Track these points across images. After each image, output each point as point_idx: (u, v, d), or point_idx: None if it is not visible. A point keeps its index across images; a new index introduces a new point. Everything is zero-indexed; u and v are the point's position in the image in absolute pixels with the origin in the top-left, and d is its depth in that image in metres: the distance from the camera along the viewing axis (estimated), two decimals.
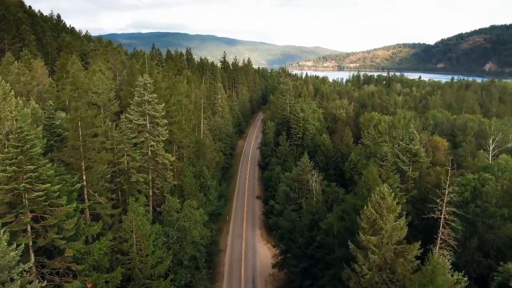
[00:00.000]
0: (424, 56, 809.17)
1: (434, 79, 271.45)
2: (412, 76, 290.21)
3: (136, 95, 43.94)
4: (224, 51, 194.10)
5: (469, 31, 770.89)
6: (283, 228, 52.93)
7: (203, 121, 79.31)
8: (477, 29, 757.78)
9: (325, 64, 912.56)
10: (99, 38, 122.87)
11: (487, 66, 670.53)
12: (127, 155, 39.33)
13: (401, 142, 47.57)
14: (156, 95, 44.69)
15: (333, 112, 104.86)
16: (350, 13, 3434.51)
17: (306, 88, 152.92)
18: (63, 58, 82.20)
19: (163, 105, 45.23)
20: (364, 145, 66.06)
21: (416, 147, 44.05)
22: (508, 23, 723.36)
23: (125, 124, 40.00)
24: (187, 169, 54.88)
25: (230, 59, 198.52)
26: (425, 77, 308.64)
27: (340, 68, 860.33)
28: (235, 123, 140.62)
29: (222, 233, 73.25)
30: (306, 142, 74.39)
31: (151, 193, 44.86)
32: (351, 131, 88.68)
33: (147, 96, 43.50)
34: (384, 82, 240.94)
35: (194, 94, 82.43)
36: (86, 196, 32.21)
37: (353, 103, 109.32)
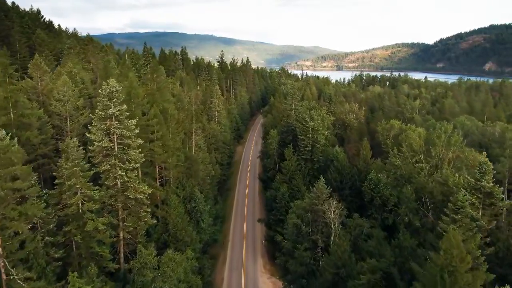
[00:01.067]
0: (423, 56, 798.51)
1: (435, 79, 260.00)
2: (414, 76, 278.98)
3: (98, 107, 32.25)
4: (222, 51, 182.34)
5: (468, 31, 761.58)
6: (294, 273, 41.40)
7: (195, 131, 67.65)
8: (476, 28, 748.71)
9: (324, 64, 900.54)
10: (75, 34, 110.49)
11: (487, 66, 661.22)
12: (80, 193, 27.65)
13: (467, 177, 34.82)
14: (126, 107, 32.96)
15: (341, 118, 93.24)
16: (348, 13, 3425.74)
17: (309, 90, 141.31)
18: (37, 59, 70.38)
19: (136, 120, 33.47)
20: (392, 165, 54.09)
21: (489, 184, 31.37)
22: (507, 23, 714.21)
23: (76, 150, 28.21)
24: (173, 198, 43.23)
25: (228, 59, 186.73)
26: (425, 77, 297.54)
27: (339, 68, 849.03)
28: (233, 128, 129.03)
29: (218, 263, 61.55)
30: (316, 156, 62.69)
31: (121, 237, 33.29)
32: (360, 139, 77.32)
33: (113, 108, 31.82)
34: (388, 83, 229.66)
35: (188, 98, 70.77)
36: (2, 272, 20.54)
37: (364, 108, 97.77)
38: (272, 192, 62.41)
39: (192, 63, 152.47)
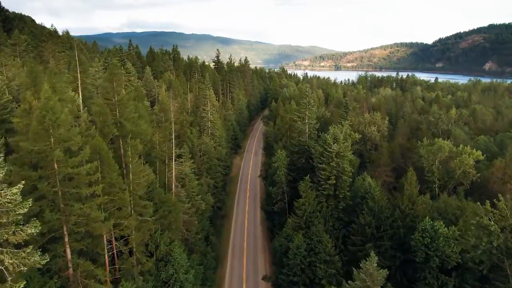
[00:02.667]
0: (422, 55, 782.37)
1: (447, 80, 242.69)
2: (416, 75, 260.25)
3: None
4: (218, 49, 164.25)
5: (467, 30, 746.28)
6: None
7: (176, 158, 49.88)
8: (475, 28, 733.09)
9: (322, 64, 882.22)
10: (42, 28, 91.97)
11: (487, 66, 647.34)
12: None
13: None
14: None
15: (361, 130, 75.80)
16: (346, 12, 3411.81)
17: (315, 94, 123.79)
18: None
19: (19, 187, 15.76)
20: (484, 229, 36.13)
21: None
22: (507, 22, 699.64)
23: None
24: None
25: (225, 59, 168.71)
26: (425, 76, 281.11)
27: (337, 68, 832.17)
28: (230, 137, 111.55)
29: None
30: (342, 191, 45.10)
31: None
32: (392, 162, 59.88)
33: None
34: (394, 84, 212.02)
35: (174, 108, 52.98)
36: None
37: (386, 118, 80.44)
38: (282, 241, 44.78)
39: (184, 63, 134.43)
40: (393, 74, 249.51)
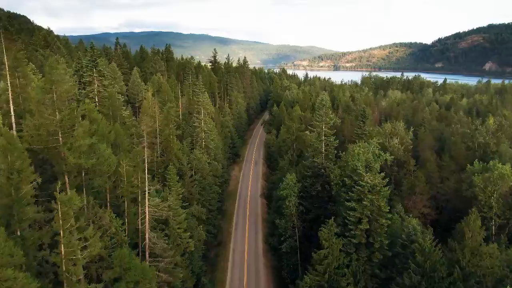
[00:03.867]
0: (422, 55, 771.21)
1: (456, 81, 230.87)
2: (413, 75, 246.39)
3: None
4: (215, 49, 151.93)
5: (466, 30, 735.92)
6: None
7: (149, 198, 37.32)
8: (475, 28, 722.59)
9: (321, 64, 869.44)
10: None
11: (487, 66, 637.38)
12: None
13: None
14: None
15: (381, 143, 63.63)
16: (344, 12, 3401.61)
17: (321, 97, 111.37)
18: None
19: None
20: None
21: None
22: (506, 22, 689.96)
23: None
24: None
25: (223, 59, 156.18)
26: (426, 77, 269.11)
27: (336, 68, 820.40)
28: (227, 146, 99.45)
29: None
30: (378, 238, 32.82)
31: None
32: (430, 188, 47.72)
33: None
34: (399, 85, 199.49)
35: (147, 126, 40.50)
36: None
37: (410, 129, 68.17)
38: None
39: (177, 63, 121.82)
40: (397, 74, 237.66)
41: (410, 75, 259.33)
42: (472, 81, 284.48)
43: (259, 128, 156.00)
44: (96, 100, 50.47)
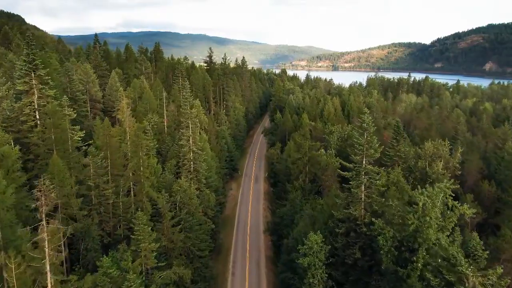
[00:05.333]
0: (421, 55, 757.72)
1: (468, 83, 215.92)
2: (413, 76, 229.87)
3: None
4: (210, 48, 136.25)
5: (466, 30, 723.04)
6: None
7: None
8: (474, 28, 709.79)
9: (319, 64, 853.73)
10: None
11: (487, 66, 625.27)
12: None
13: None
14: None
15: (419, 167, 48.68)
16: (342, 12, 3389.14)
17: (330, 103, 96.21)
18: None
19: None
20: None
21: None
22: (506, 22, 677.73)
23: None
24: None
25: (219, 59, 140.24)
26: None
27: (335, 68, 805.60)
28: (224, 159, 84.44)
29: None
30: None
31: None
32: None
33: None
34: (409, 87, 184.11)
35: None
36: None
37: (459, 148, 53.10)
38: None
39: (165, 64, 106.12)
40: (402, 75, 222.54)
41: (416, 76, 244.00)
42: (472, 81, 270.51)
43: (259, 134, 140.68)
44: (37, 117, 35.26)
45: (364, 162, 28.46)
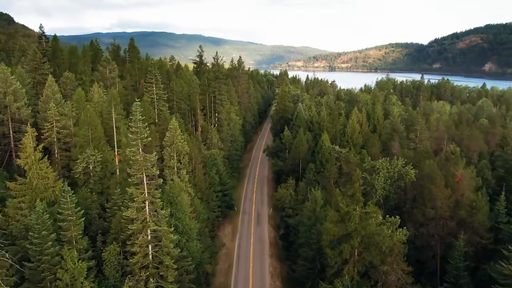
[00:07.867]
0: (419, 56, 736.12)
1: (482, 84, 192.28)
2: (411, 77, 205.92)
3: None
4: (200, 46, 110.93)
5: (464, 30, 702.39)
6: None
7: None
8: (472, 28, 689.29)
9: (316, 64, 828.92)
10: None
11: (487, 67, 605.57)
12: None
13: None
14: None
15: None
16: (339, 12, 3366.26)
17: (355, 117, 71.33)
18: None
19: None
20: None
21: None
22: (504, 22, 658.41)
23: None
24: None
25: (210, 59, 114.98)
26: (426, 78, 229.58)
27: (332, 69, 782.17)
28: (213, 199, 60.14)
29: None
30: None
31: None
32: None
33: None
34: (421, 90, 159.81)
35: None
36: None
37: None
38: None
39: (139, 67, 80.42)
40: (414, 76, 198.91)
41: (414, 76, 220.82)
42: (472, 82, 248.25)
43: (259, 148, 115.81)
44: None
45: None
